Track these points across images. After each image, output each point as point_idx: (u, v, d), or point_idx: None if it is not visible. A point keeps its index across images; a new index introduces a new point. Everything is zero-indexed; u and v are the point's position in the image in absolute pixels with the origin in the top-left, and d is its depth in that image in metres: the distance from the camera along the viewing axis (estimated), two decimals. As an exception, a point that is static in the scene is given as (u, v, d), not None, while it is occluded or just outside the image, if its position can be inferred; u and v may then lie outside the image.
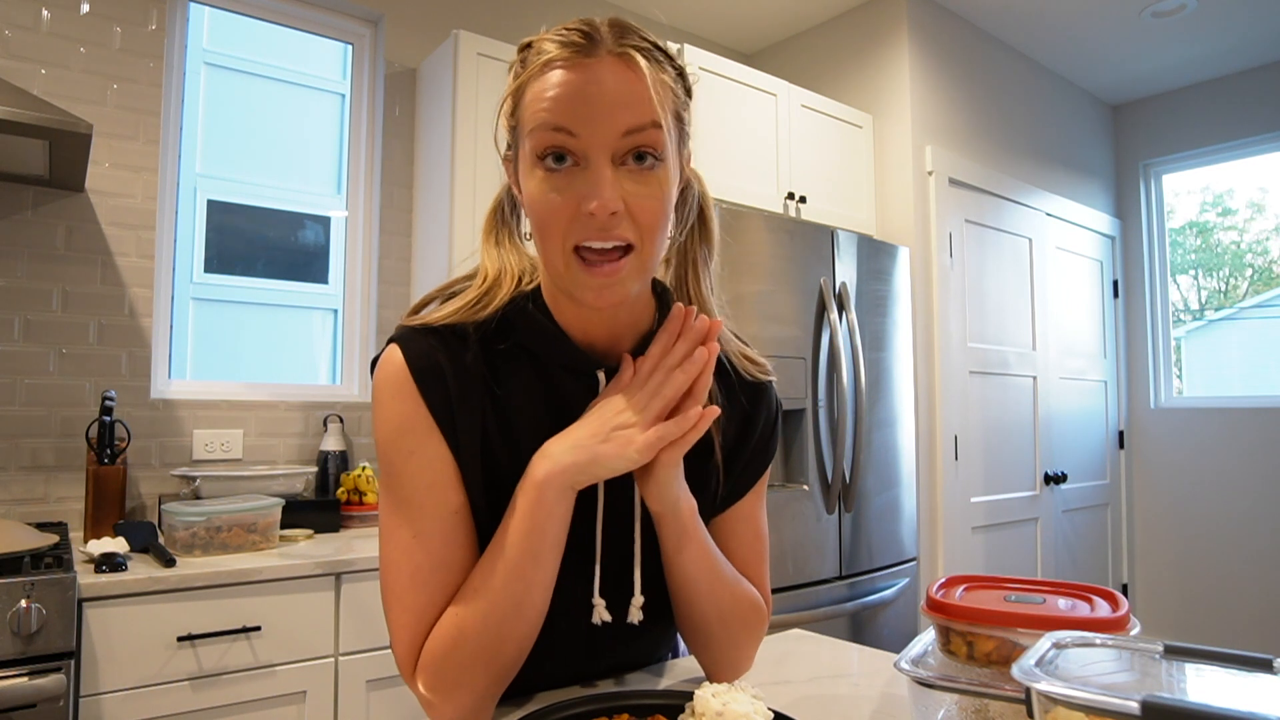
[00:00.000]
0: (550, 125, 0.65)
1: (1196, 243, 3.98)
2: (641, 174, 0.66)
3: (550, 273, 0.71)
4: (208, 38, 4.59)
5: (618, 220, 0.65)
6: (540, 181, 0.67)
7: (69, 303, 1.97)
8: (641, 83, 0.65)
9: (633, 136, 0.65)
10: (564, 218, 0.66)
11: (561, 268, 0.68)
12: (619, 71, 0.65)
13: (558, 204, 0.66)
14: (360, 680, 1.71)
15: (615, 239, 0.66)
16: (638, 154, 0.66)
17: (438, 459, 0.72)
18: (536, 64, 0.66)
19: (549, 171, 0.66)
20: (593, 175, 0.65)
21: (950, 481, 2.91)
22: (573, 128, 0.64)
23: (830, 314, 2.39)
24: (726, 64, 2.52)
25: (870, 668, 0.96)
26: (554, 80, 0.65)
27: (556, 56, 0.65)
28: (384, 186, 2.48)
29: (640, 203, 0.66)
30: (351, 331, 2.50)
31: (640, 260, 0.68)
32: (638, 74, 0.65)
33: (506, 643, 0.70)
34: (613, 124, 0.65)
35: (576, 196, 0.65)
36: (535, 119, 0.66)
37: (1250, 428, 3.49)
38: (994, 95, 3.31)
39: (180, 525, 1.67)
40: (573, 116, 0.64)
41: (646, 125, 0.65)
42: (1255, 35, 3.30)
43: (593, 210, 0.64)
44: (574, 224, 0.66)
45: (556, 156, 0.66)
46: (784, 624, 2.12)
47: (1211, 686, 0.56)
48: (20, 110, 1.53)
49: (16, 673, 1.31)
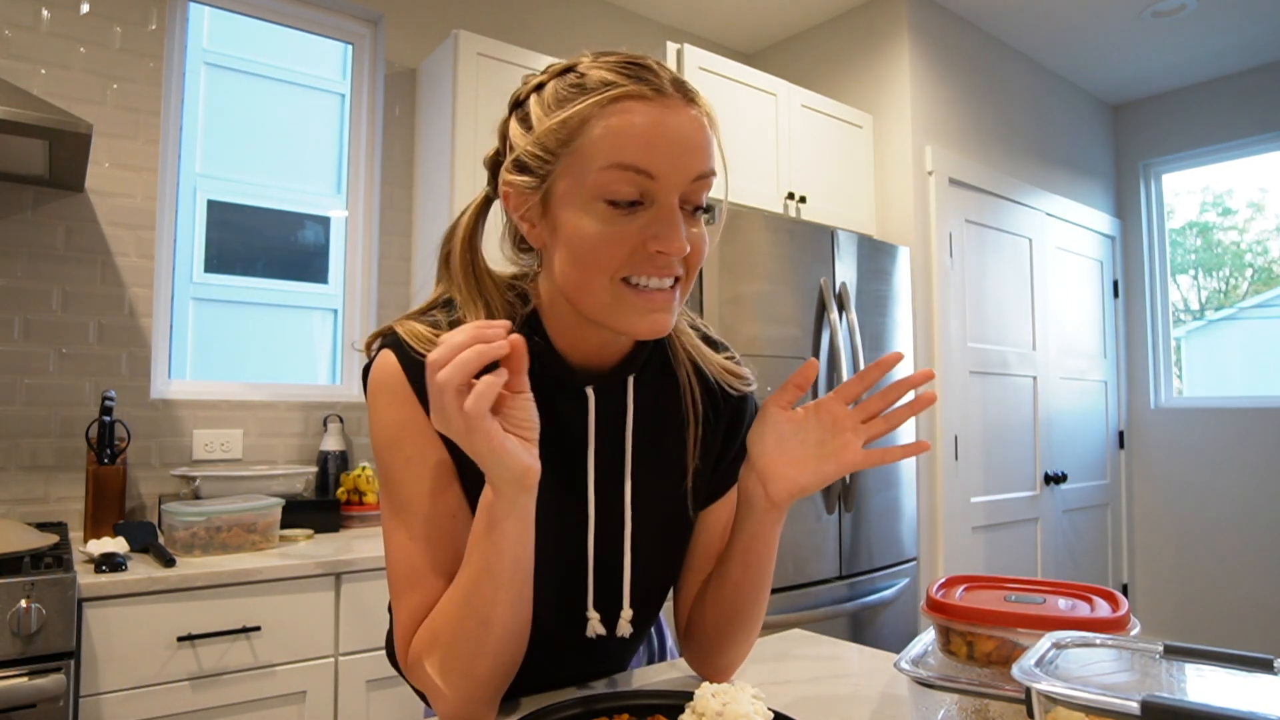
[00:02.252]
0: (631, 166, 0.63)
1: (1196, 243, 3.98)
2: (694, 220, 0.68)
3: (585, 302, 0.68)
4: (208, 38, 4.59)
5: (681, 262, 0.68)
6: (599, 218, 0.65)
7: (69, 303, 1.97)
8: (705, 130, 0.67)
9: (699, 183, 0.66)
10: (622, 252, 0.65)
11: (607, 297, 0.67)
12: (691, 116, 0.66)
13: (618, 239, 0.65)
14: (360, 680, 1.71)
15: (671, 276, 0.68)
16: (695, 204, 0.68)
17: (435, 464, 0.72)
18: (605, 95, 0.64)
19: (614, 209, 0.65)
20: (666, 217, 0.65)
21: (950, 481, 2.91)
22: (654, 170, 0.64)
23: (830, 314, 2.39)
24: (726, 64, 2.52)
25: (870, 668, 0.96)
26: (636, 119, 0.63)
27: (633, 91, 0.64)
28: (384, 186, 2.48)
29: (697, 247, 0.68)
30: (351, 331, 2.50)
31: (683, 294, 0.71)
32: (702, 120, 0.67)
33: (479, 656, 0.68)
34: (688, 169, 0.65)
35: (641, 235, 0.65)
36: (610, 157, 0.64)
37: (1250, 428, 3.49)
38: (994, 95, 3.31)
39: (180, 525, 1.67)
40: (654, 158, 0.64)
41: (709, 173, 0.67)
42: (1255, 35, 3.30)
43: (668, 251, 0.65)
44: (632, 258, 0.66)
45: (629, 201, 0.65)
46: (784, 624, 2.12)
47: (1211, 686, 0.56)
48: (20, 110, 1.53)
49: (16, 673, 1.31)
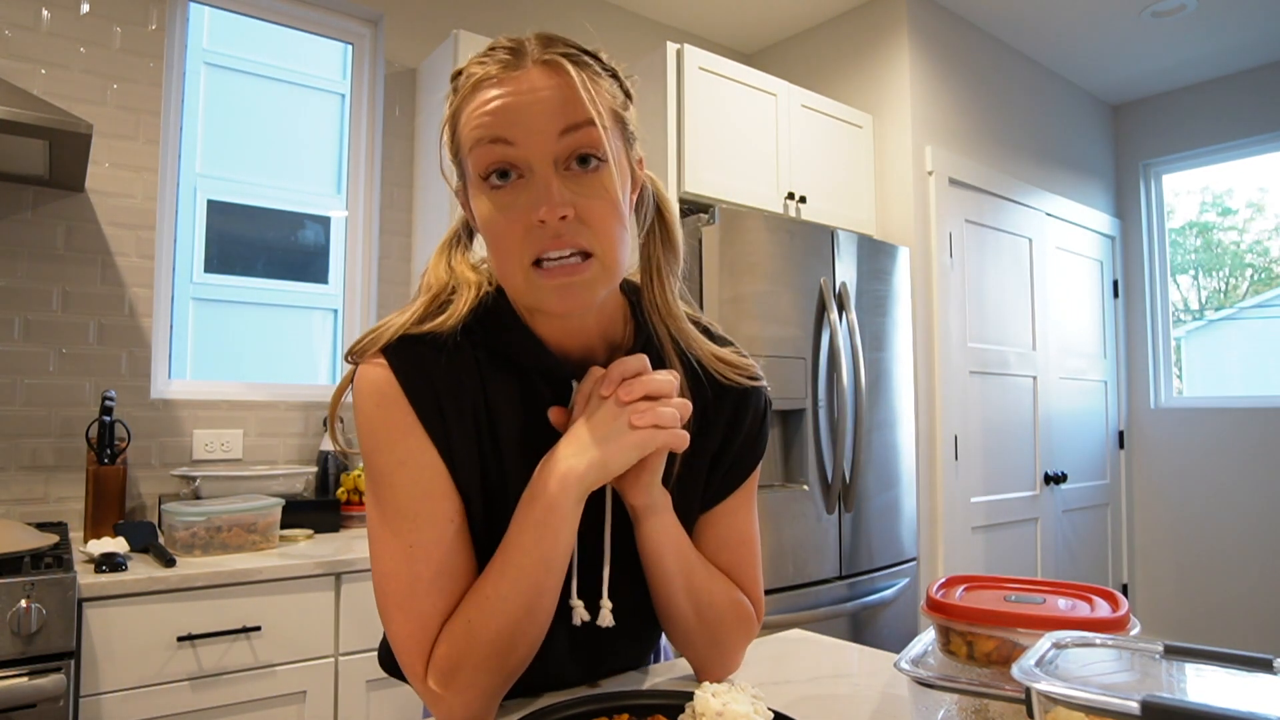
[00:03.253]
0: (487, 139, 0.65)
1: (1196, 243, 3.98)
2: (586, 176, 0.66)
3: (513, 294, 0.71)
4: (208, 38, 4.59)
5: (569, 226, 0.65)
6: (488, 201, 0.66)
7: (69, 303, 1.97)
8: (571, 84, 0.65)
9: (570, 136, 0.65)
10: (518, 233, 0.65)
11: (522, 283, 0.67)
12: (548, 77, 0.65)
13: (509, 220, 0.66)
14: (360, 680, 1.71)
15: (570, 245, 0.65)
16: (580, 157, 0.65)
17: (430, 467, 0.71)
18: (466, 86, 0.67)
19: (495, 189, 0.66)
20: (538, 183, 0.65)
21: (950, 481, 2.91)
22: (509, 136, 0.64)
23: (830, 314, 2.39)
24: (726, 64, 2.52)
25: (870, 668, 0.96)
26: (485, 96, 0.65)
27: (484, 75, 0.66)
28: (384, 186, 2.48)
29: (589, 204, 0.65)
30: (351, 331, 2.50)
31: (603, 265, 0.67)
32: (566, 77, 0.65)
33: (518, 646, 0.71)
34: (548, 126, 0.64)
35: (526, 209, 0.65)
36: (473, 137, 0.66)
37: (1250, 428, 3.49)
38: (994, 95, 3.31)
39: (180, 525, 1.67)
40: (507, 125, 0.64)
41: (582, 123, 0.65)
42: (1255, 35, 3.30)
43: (542, 218, 0.63)
44: (528, 237, 0.65)
45: (500, 173, 0.66)
46: (784, 624, 2.12)
47: (1211, 686, 0.56)
48: (20, 110, 1.53)
49: (16, 673, 1.31)
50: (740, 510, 0.86)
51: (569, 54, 0.67)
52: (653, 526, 0.76)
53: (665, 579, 0.78)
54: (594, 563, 0.78)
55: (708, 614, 0.80)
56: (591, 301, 0.68)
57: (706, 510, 0.84)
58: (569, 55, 0.67)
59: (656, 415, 0.69)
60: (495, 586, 0.70)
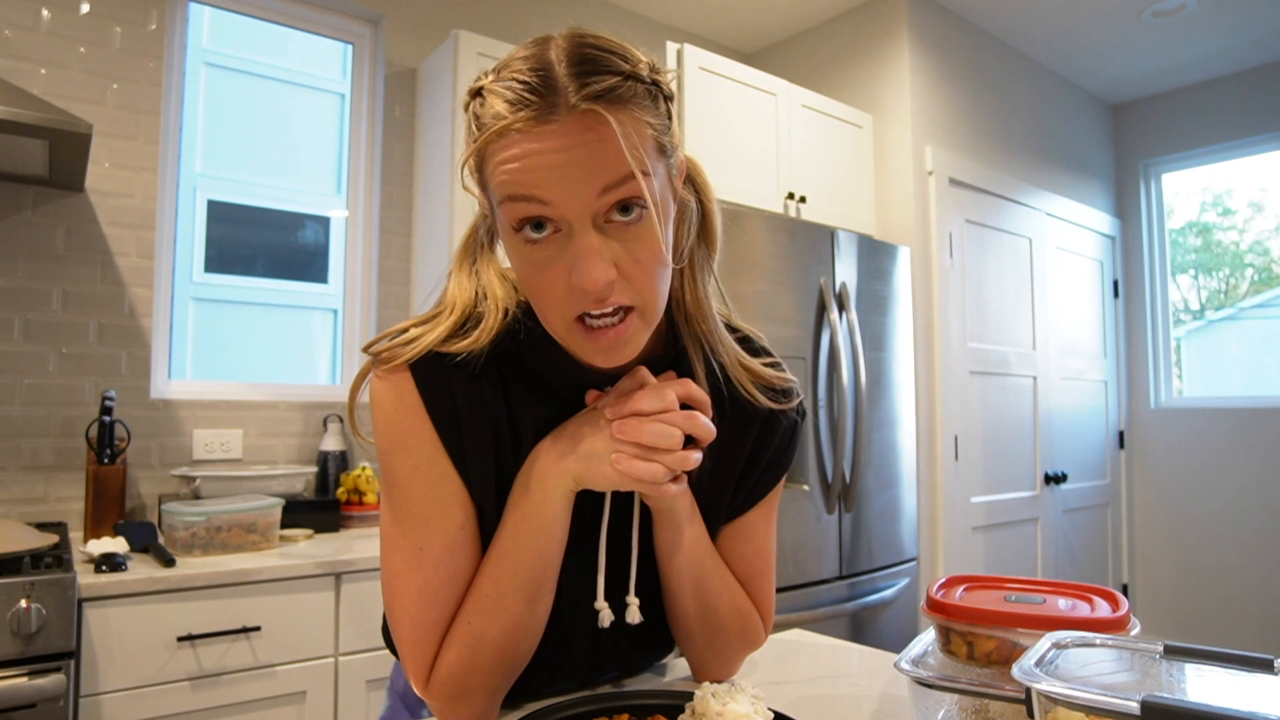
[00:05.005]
0: (519, 197, 0.59)
1: (1196, 243, 3.98)
2: (629, 229, 0.61)
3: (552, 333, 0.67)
4: (208, 38, 4.59)
5: (612, 287, 0.61)
6: (523, 253, 0.62)
7: (69, 303, 1.97)
8: (611, 140, 0.57)
9: (611, 193, 0.59)
10: (559, 291, 0.62)
11: (564, 335, 0.65)
12: (584, 130, 0.57)
13: (548, 278, 0.62)
14: (360, 680, 1.71)
15: (614, 304, 0.62)
16: (622, 206, 0.60)
17: (442, 474, 0.70)
18: (492, 129, 0.59)
19: (530, 243, 0.61)
20: (577, 247, 0.60)
21: (950, 481, 2.91)
22: (543, 196, 0.59)
23: (830, 314, 2.39)
24: (726, 64, 2.52)
25: (870, 668, 0.96)
26: (513, 152, 0.58)
27: (512, 123, 0.58)
28: (384, 186, 2.48)
29: (633, 262, 0.61)
30: (351, 331, 2.50)
31: (644, 318, 0.65)
32: (605, 131, 0.57)
33: (522, 644, 0.72)
34: (587, 187, 0.58)
35: (565, 268, 0.61)
36: (502, 191, 0.60)
37: (1250, 428, 3.49)
38: (994, 95, 3.31)
39: (180, 525, 1.67)
40: (540, 185, 0.58)
41: (624, 180, 0.59)
42: (1255, 35, 3.30)
43: (585, 286, 0.60)
44: (570, 296, 0.62)
45: (535, 225, 0.60)
46: (784, 624, 2.12)
47: (1211, 686, 0.55)
48: (20, 110, 1.53)
49: (16, 673, 1.31)
50: (761, 524, 0.84)
51: (608, 91, 0.58)
52: (666, 526, 0.76)
53: (673, 577, 0.78)
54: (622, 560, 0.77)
55: (712, 619, 0.80)
56: (634, 353, 0.67)
57: (730, 521, 0.82)
58: (608, 95, 0.58)
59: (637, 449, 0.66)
60: (495, 584, 0.70)
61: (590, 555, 0.76)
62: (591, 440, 0.69)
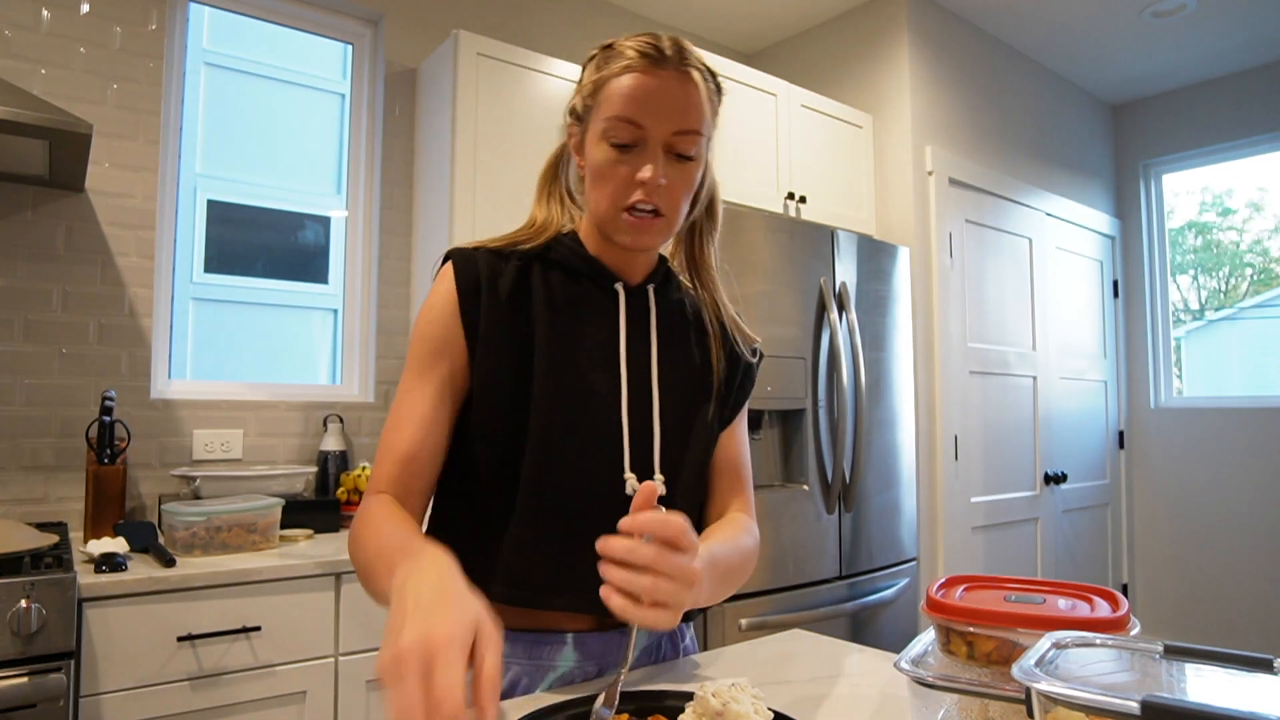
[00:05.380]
0: (624, 118, 0.85)
1: (1196, 243, 3.98)
2: (680, 165, 0.88)
3: (597, 217, 0.91)
4: (208, 38, 4.59)
5: (659, 191, 0.87)
6: (607, 154, 0.87)
7: (69, 303, 1.97)
8: (696, 96, 0.86)
9: (681, 137, 0.86)
10: (621, 183, 0.87)
11: (611, 215, 0.89)
12: (681, 84, 0.86)
13: (620, 173, 0.87)
14: (360, 680, 1.71)
15: (653, 204, 0.87)
16: (680, 154, 0.87)
17: (449, 332, 0.89)
18: (618, 65, 0.86)
19: (615, 148, 0.87)
20: (649, 157, 0.86)
21: (950, 481, 2.91)
22: (641, 120, 0.85)
23: (830, 314, 2.39)
24: (726, 64, 2.52)
25: (870, 668, 0.96)
26: (631, 82, 0.85)
27: (635, 64, 0.85)
28: (384, 186, 2.48)
29: (674, 185, 0.88)
30: (351, 331, 2.50)
31: (666, 223, 0.90)
32: (694, 89, 0.86)
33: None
34: (670, 123, 0.85)
35: (633, 169, 0.87)
36: (612, 109, 0.86)
37: (1250, 428, 3.49)
38: (994, 95, 3.31)
39: (180, 525, 1.67)
40: (642, 112, 0.85)
41: (691, 130, 0.87)
42: (1255, 35, 3.30)
43: (644, 179, 0.86)
44: (627, 188, 0.87)
45: (624, 144, 0.86)
46: (784, 624, 2.12)
47: (1211, 686, 0.56)
48: (20, 110, 1.53)
49: (16, 673, 1.31)
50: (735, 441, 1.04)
51: (698, 68, 0.87)
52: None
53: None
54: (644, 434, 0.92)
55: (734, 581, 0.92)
56: (653, 245, 0.92)
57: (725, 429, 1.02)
58: (698, 69, 0.87)
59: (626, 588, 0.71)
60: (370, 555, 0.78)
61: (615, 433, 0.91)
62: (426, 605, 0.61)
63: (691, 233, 1.03)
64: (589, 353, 0.92)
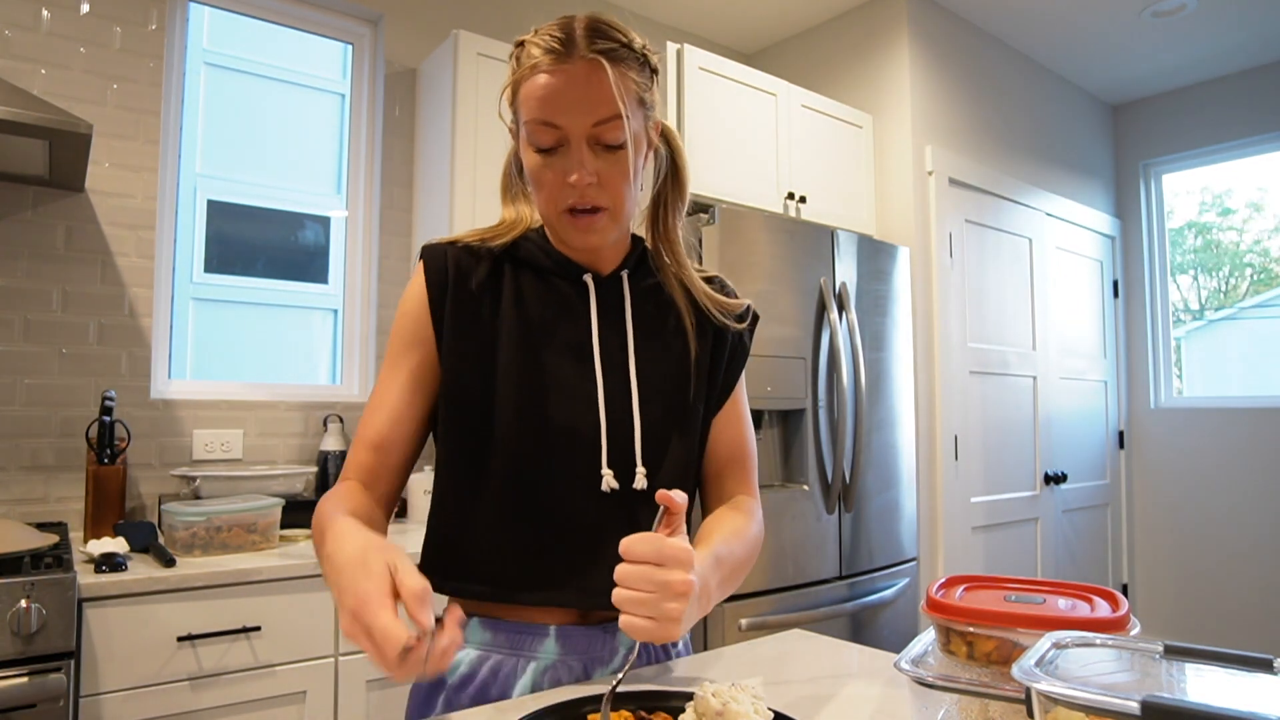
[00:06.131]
0: (538, 120, 0.83)
1: (1196, 243, 3.98)
2: (609, 155, 0.85)
3: (544, 220, 0.92)
4: (208, 38, 4.59)
5: (592, 189, 0.85)
6: (535, 161, 0.86)
7: (69, 303, 1.97)
8: (606, 84, 0.82)
9: (600, 127, 0.83)
10: (556, 187, 0.86)
11: (555, 221, 0.89)
12: (589, 76, 0.82)
13: (550, 178, 0.86)
14: (360, 680, 1.71)
15: (591, 203, 0.86)
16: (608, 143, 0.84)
17: (419, 325, 0.92)
18: (528, 66, 0.83)
19: (541, 153, 0.85)
20: (573, 156, 0.84)
21: (950, 481, 2.91)
22: (556, 121, 0.83)
23: (830, 314, 2.39)
24: (726, 64, 2.52)
25: (870, 668, 0.96)
26: (540, 83, 0.82)
27: (541, 62, 0.82)
28: (384, 186, 2.48)
29: (608, 174, 0.85)
30: (351, 331, 2.50)
31: (612, 216, 0.87)
32: (602, 76, 0.82)
33: None
34: (585, 117, 0.82)
35: (562, 172, 0.85)
36: (529, 113, 0.84)
37: (1250, 428, 3.49)
38: (994, 95, 3.31)
39: (180, 525, 1.67)
40: (556, 112, 0.82)
41: (610, 118, 0.82)
42: (1255, 35, 3.30)
43: (573, 182, 0.84)
44: (562, 191, 0.85)
45: (547, 147, 0.84)
46: (784, 624, 2.12)
47: (1211, 686, 0.56)
48: (20, 110, 1.53)
49: (16, 673, 1.31)
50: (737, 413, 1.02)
51: (608, 51, 0.83)
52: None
53: None
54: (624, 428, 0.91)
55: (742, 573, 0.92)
56: (602, 242, 0.90)
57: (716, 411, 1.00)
58: (608, 53, 0.82)
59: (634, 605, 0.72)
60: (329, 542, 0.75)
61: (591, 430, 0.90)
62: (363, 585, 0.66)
63: (657, 205, 0.99)
64: (560, 349, 0.91)
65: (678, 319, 0.98)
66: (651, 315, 0.97)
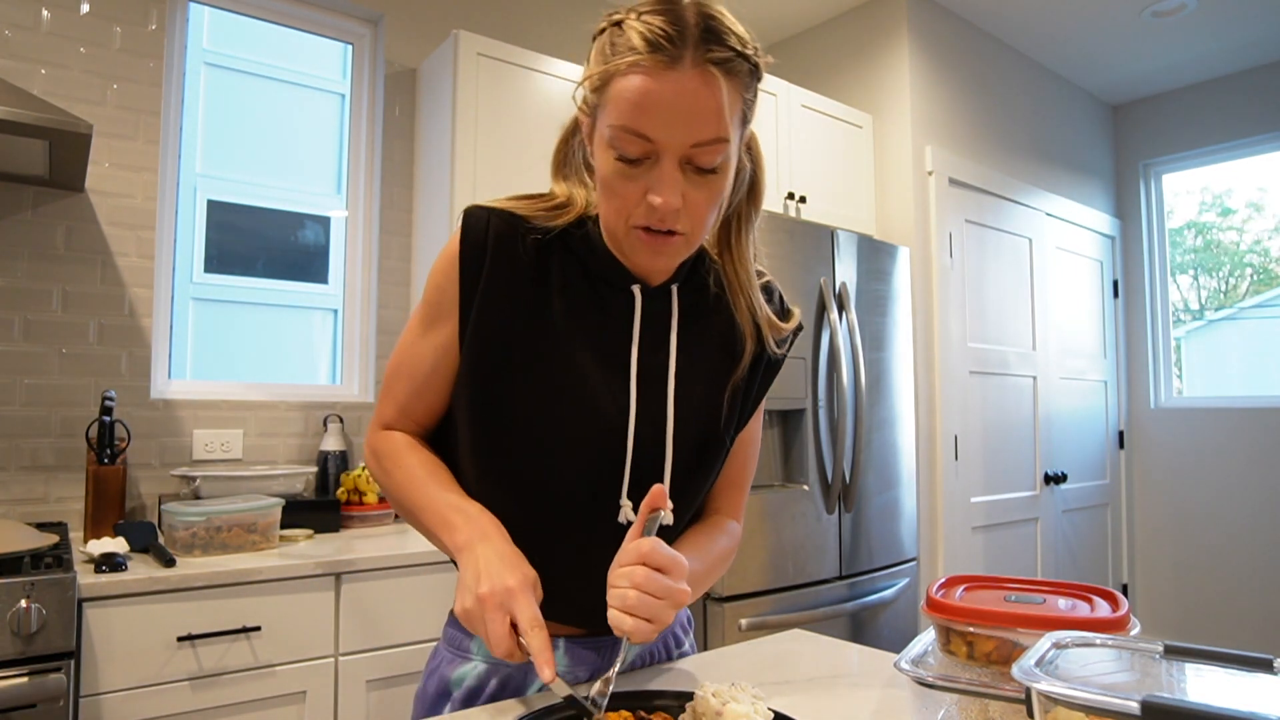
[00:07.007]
0: (630, 130, 0.71)
1: (1196, 243, 3.98)
2: (702, 178, 0.74)
3: (606, 229, 0.81)
4: (208, 38, 4.60)
5: (677, 215, 0.74)
6: (613, 167, 0.74)
7: (69, 303, 1.97)
8: (716, 101, 0.70)
9: (700, 149, 0.71)
10: (630, 200, 0.74)
11: (622, 236, 0.78)
12: (697, 90, 0.69)
13: (628, 191, 0.74)
14: (360, 680, 1.71)
15: (670, 226, 0.75)
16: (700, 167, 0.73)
17: (450, 299, 0.83)
18: (625, 60, 0.70)
19: (623, 163, 0.73)
20: (661, 174, 0.72)
21: (950, 481, 2.91)
22: (650, 134, 0.70)
23: (830, 314, 2.39)
24: (726, 64, 2.51)
25: (870, 668, 0.96)
26: (638, 86, 0.69)
27: (644, 60, 0.69)
28: (384, 186, 2.48)
29: (696, 203, 0.74)
30: (351, 331, 2.50)
31: (688, 243, 0.78)
32: (714, 91, 0.70)
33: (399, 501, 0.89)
34: (684, 135, 0.70)
35: (644, 187, 0.73)
36: (618, 116, 0.71)
37: (1250, 428, 3.49)
38: (994, 95, 3.31)
39: (180, 525, 1.67)
40: (650, 125, 0.70)
41: (713, 140, 0.72)
42: (1255, 35, 3.30)
43: (657, 206, 0.72)
44: (639, 208, 0.74)
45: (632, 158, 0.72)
46: (784, 624, 2.12)
47: (1211, 686, 0.56)
48: (20, 110, 1.53)
49: (16, 673, 1.31)
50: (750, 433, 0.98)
51: (724, 61, 0.71)
52: None
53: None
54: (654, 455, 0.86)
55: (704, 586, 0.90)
56: (670, 266, 0.83)
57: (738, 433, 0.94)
58: (724, 63, 0.71)
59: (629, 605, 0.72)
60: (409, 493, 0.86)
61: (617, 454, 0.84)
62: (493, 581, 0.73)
63: (729, 219, 0.89)
64: (594, 360, 0.83)
65: (730, 343, 0.89)
66: (698, 334, 0.88)
